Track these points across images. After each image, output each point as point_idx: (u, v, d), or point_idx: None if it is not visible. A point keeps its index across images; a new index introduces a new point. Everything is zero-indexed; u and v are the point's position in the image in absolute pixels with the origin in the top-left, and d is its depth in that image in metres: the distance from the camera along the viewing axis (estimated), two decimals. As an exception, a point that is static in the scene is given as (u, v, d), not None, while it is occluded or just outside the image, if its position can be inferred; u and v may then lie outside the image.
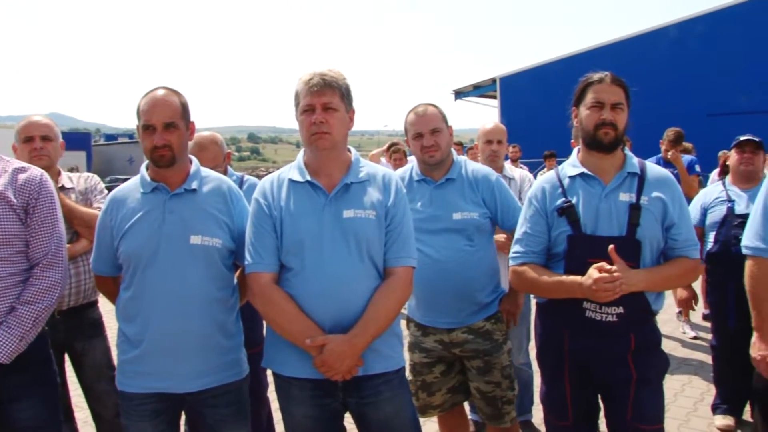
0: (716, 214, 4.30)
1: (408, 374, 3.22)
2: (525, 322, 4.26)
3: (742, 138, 4.30)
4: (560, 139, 2.79)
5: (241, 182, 3.77)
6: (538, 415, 3.19)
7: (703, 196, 4.55)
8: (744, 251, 2.72)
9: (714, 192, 4.49)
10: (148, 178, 2.69)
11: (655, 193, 2.66)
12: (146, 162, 2.73)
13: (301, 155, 2.68)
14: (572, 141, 3.34)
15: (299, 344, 2.47)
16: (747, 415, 4.42)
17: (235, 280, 2.80)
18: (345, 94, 2.56)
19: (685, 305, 4.84)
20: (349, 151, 2.69)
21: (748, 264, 2.71)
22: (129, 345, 2.65)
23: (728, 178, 4.47)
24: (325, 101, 2.49)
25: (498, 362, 3.28)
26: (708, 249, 4.38)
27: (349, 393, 2.56)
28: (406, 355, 3.11)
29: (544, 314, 2.87)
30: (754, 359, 2.68)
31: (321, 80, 2.50)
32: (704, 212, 4.47)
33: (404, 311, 3.20)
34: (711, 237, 4.36)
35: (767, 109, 19.02)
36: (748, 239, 2.70)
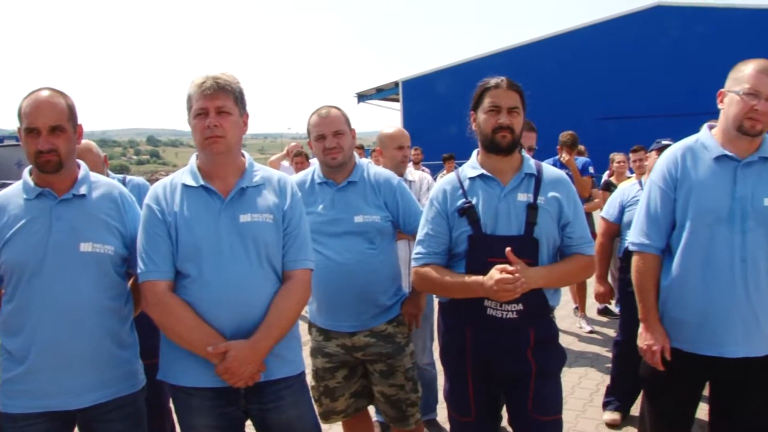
0: (633, 212, 4.38)
1: (310, 380, 3.19)
2: (428, 322, 4.30)
3: (663, 141, 4.45)
4: (461, 142, 2.85)
5: (123, 183, 3.66)
6: (442, 413, 3.23)
7: (621, 195, 4.71)
8: (630, 247, 2.86)
9: (631, 191, 4.65)
10: (32, 183, 2.53)
11: (551, 194, 2.74)
12: (29, 166, 2.58)
13: (193, 159, 2.62)
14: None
15: (199, 353, 2.41)
16: (636, 409, 4.60)
17: (128, 289, 2.69)
18: (239, 98, 2.53)
19: (603, 299, 5.03)
20: (243, 155, 2.65)
21: (635, 259, 2.85)
22: (12, 362, 2.48)
23: (644, 178, 4.59)
24: (219, 105, 2.45)
25: (401, 365, 3.29)
26: (625, 246, 4.51)
27: (251, 400, 2.54)
28: (309, 361, 3.08)
29: (447, 313, 2.90)
30: (640, 348, 2.82)
31: (214, 83, 2.45)
32: (622, 210, 4.63)
33: (305, 314, 3.17)
34: (628, 234, 4.47)
35: (653, 113, 20.08)
36: (634, 236, 2.85)
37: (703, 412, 3.01)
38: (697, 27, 22.22)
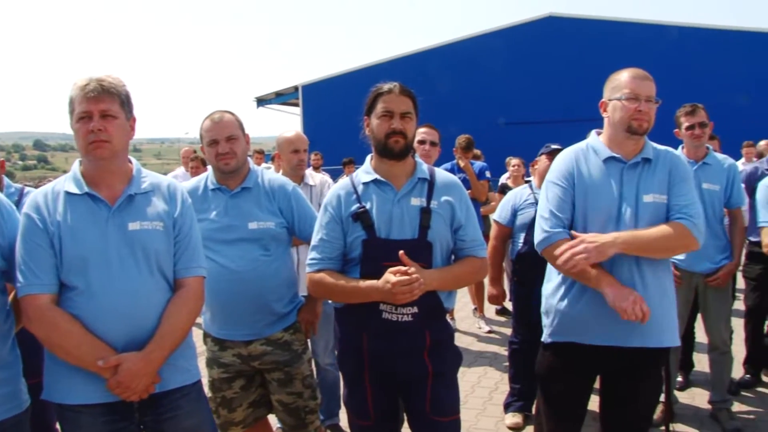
0: (525, 216, 4.52)
1: (207, 391, 3.13)
2: (330, 321, 4.28)
3: (553, 146, 4.59)
4: (361, 147, 2.86)
5: (21, 195, 3.46)
6: (346, 418, 3.22)
7: (513, 198, 4.78)
8: (539, 248, 2.92)
9: (523, 195, 4.74)
10: None
11: (443, 198, 2.78)
12: None
13: (76, 165, 2.51)
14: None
15: (89, 367, 2.31)
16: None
17: (9, 305, 2.54)
18: (125, 101, 2.44)
19: (495, 301, 5.10)
20: (130, 161, 2.57)
21: (549, 254, 2.89)
22: None
23: (535, 182, 4.72)
24: (104, 108, 2.36)
25: (299, 372, 3.27)
26: (518, 249, 4.63)
27: (146, 412, 2.45)
28: (205, 372, 3.01)
29: (343, 318, 2.90)
30: (623, 311, 2.67)
31: (98, 86, 2.36)
32: (515, 213, 4.70)
33: (199, 322, 3.10)
34: (521, 238, 4.60)
35: (548, 119, 20.83)
36: (540, 234, 2.90)
37: (595, 404, 3.13)
38: (587, 37, 23.26)
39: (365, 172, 2.84)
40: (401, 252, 2.59)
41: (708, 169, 4.50)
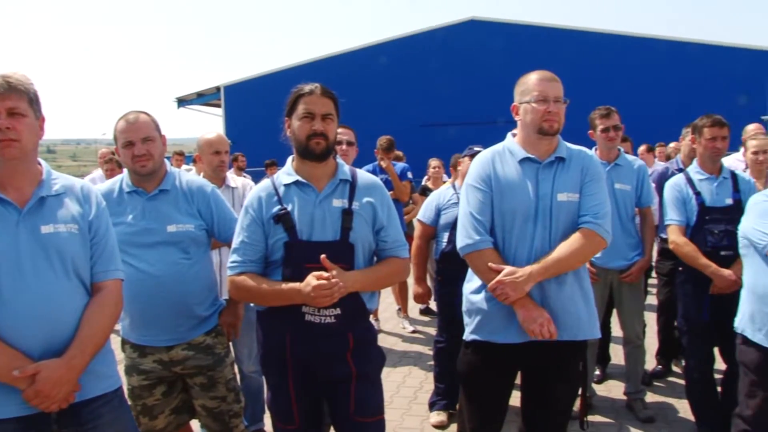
0: (449, 215, 4.56)
1: (126, 399, 3.04)
2: (253, 328, 4.21)
3: (475, 148, 4.65)
4: (286, 148, 2.84)
5: None
6: (270, 423, 3.19)
7: (437, 198, 4.82)
8: (462, 253, 2.97)
9: (447, 195, 4.78)
10: None
11: (365, 199, 2.80)
12: None
13: None
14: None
15: (3, 379, 2.19)
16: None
17: None
18: (33, 100, 2.34)
19: (420, 301, 5.14)
20: (39, 163, 2.46)
21: (472, 261, 2.95)
22: None
23: (458, 183, 4.75)
24: (11, 106, 2.25)
25: (222, 376, 3.23)
26: (442, 248, 4.67)
27: (66, 423, 2.32)
28: (124, 379, 2.93)
29: (265, 321, 2.87)
30: (531, 332, 2.79)
31: (5, 83, 2.26)
32: (438, 213, 4.74)
33: (117, 328, 3.01)
34: (444, 237, 4.64)
35: (469, 121, 21.15)
36: (462, 241, 2.95)
37: (517, 399, 3.19)
38: (508, 41, 23.79)
39: (286, 173, 2.83)
40: (323, 256, 2.59)
41: (620, 169, 4.68)
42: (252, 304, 3.10)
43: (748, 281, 3.37)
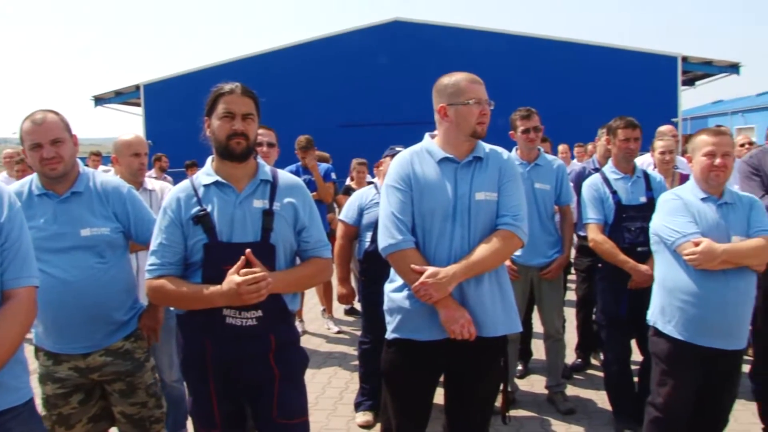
0: (372, 215, 4.55)
1: (41, 409, 2.92)
2: (174, 335, 4.13)
3: (397, 148, 4.64)
4: (206, 149, 2.77)
5: None
6: (192, 429, 3.12)
7: (359, 198, 4.82)
8: (384, 254, 2.97)
9: (369, 194, 4.78)
10: None
11: (286, 199, 2.77)
12: None
13: None
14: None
15: None
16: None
17: None
18: None
19: (345, 301, 5.13)
20: None
21: (395, 263, 2.97)
22: None
23: (380, 183, 4.72)
24: None
25: (142, 382, 3.14)
26: (365, 248, 4.67)
27: None
28: (38, 390, 2.81)
29: (185, 326, 2.81)
30: (452, 332, 2.83)
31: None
32: (361, 213, 4.74)
33: (30, 336, 2.88)
34: (368, 237, 4.64)
35: (392, 121, 21.25)
36: (384, 241, 2.95)
37: (442, 397, 3.22)
38: (431, 42, 24.02)
39: (206, 174, 2.77)
40: (248, 250, 2.56)
41: (539, 169, 4.79)
42: (172, 308, 3.03)
43: (658, 276, 3.52)
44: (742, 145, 6.94)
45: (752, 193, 3.68)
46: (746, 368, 3.82)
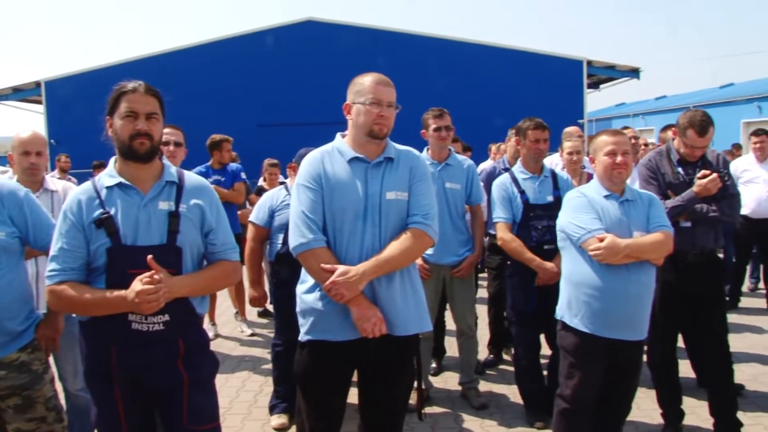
0: (283, 216, 4.48)
1: None
2: (78, 343, 3.95)
3: (310, 149, 4.60)
4: (113, 149, 2.66)
5: None
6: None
7: (270, 199, 4.76)
8: (295, 253, 2.93)
9: (280, 196, 4.72)
10: None
11: (193, 201, 2.70)
12: None
13: None
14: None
15: None
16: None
17: None
18: None
19: (257, 304, 5.08)
20: None
21: (305, 262, 2.93)
22: None
23: (290, 183, 4.70)
24: None
25: (40, 395, 2.97)
26: (276, 250, 4.61)
27: None
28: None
29: (89, 333, 2.69)
30: (363, 330, 2.84)
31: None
32: (272, 214, 4.68)
33: None
34: (279, 239, 4.58)
35: (305, 121, 21.09)
36: (294, 240, 2.92)
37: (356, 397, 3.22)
38: (346, 42, 23.98)
39: (109, 175, 2.67)
40: (150, 256, 2.48)
41: (450, 169, 4.86)
42: (74, 315, 2.90)
43: (565, 271, 3.63)
44: (646, 145, 7.29)
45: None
46: (645, 358, 3.98)
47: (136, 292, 2.43)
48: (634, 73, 26.44)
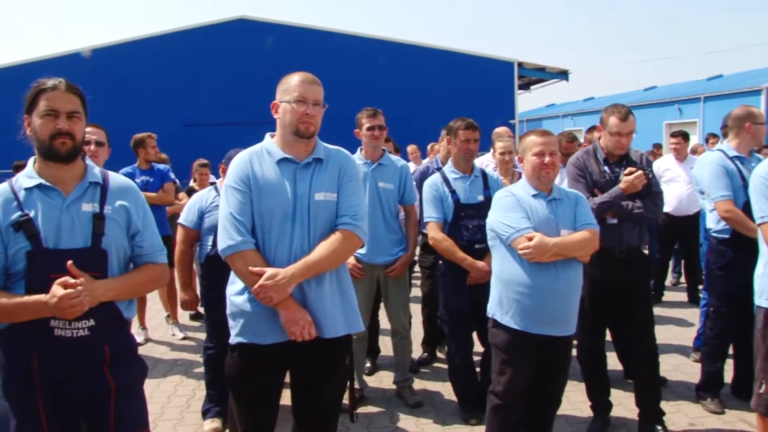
0: (213, 218, 4.43)
1: None
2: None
3: (233, 151, 4.53)
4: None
5: None
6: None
7: (199, 201, 4.69)
8: (224, 255, 2.89)
9: (209, 197, 4.66)
10: None
11: (118, 202, 2.63)
12: None
13: None
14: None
15: None
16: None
17: None
18: None
19: (188, 307, 4.99)
20: None
21: (233, 265, 2.90)
22: None
23: (220, 183, 4.62)
24: None
25: None
26: (206, 252, 4.55)
27: None
28: None
29: (8, 339, 2.57)
30: (291, 333, 2.82)
31: None
32: (201, 216, 4.61)
33: None
34: (209, 240, 4.52)
35: (235, 121, 20.80)
36: (224, 243, 2.87)
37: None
38: (278, 42, 23.80)
39: (27, 176, 2.57)
40: (70, 262, 2.39)
41: (383, 169, 4.88)
42: None
43: (495, 270, 3.69)
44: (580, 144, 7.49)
45: (580, 193, 3.94)
46: (574, 352, 4.08)
47: (58, 296, 2.34)
48: (563, 75, 27.16)
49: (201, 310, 6.51)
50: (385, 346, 5.86)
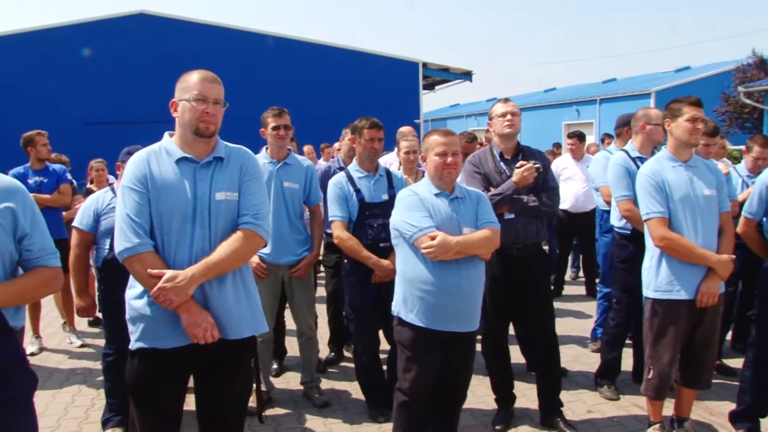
0: (110, 220, 4.27)
1: None
2: None
3: (131, 148, 4.39)
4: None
5: None
6: None
7: (95, 202, 4.55)
8: (121, 258, 2.80)
9: (106, 198, 4.53)
10: None
11: (4, 204, 2.49)
12: None
13: None
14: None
15: None
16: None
17: None
18: None
19: (86, 314, 4.82)
20: None
21: (131, 266, 2.80)
22: None
23: (117, 185, 4.52)
24: None
25: None
26: (104, 256, 4.41)
27: None
28: None
29: None
30: (196, 338, 2.77)
31: None
32: (97, 218, 4.48)
33: None
34: (106, 244, 4.38)
35: (134, 120, 20.16)
36: (120, 245, 2.79)
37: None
38: (179, 38, 23.17)
39: None
40: None
41: (289, 168, 4.85)
42: None
43: (399, 268, 3.73)
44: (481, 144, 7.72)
45: (476, 188, 4.04)
46: (478, 347, 4.18)
47: None
48: (467, 75, 27.72)
49: (100, 315, 6.30)
50: (292, 347, 5.83)
